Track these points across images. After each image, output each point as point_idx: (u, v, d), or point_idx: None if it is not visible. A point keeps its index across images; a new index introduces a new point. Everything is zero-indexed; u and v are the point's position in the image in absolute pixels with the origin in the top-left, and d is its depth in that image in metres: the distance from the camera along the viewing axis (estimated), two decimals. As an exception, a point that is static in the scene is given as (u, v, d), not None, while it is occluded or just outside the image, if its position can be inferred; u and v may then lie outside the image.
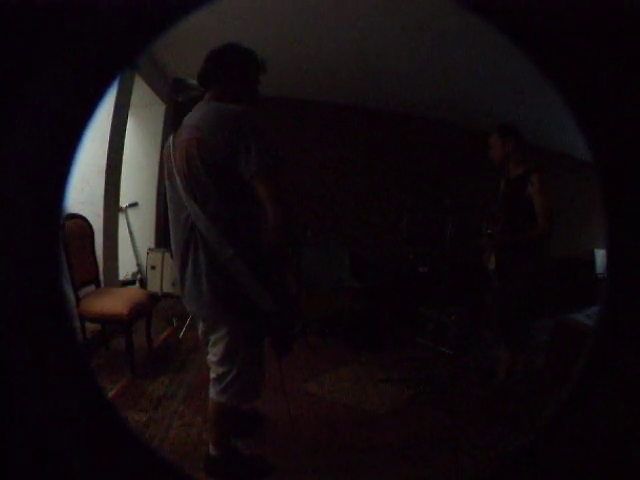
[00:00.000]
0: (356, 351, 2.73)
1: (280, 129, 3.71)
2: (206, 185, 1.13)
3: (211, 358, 1.29)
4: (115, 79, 0.51)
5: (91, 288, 2.29)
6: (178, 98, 2.75)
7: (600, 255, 4.56)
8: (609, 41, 0.44)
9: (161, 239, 3.72)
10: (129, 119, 2.92)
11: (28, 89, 0.44)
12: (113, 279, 2.83)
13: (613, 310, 0.52)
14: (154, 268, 3.50)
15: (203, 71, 1.26)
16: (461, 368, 2.51)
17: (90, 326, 2.19)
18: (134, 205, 3.66)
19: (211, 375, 1.31)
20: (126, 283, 3.39)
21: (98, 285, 2.36)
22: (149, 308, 2.31)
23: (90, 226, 2.38)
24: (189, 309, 1.29)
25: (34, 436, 0.48)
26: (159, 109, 3.67)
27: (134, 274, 3.66)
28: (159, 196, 3.74)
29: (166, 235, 1.31)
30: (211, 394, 1.31)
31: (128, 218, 3.63)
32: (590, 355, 0.53)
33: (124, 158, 2.90)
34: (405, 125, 4.11)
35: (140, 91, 3.08)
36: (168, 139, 1.27)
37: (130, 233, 3.66)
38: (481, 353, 2.72)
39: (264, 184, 1.11)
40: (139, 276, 3.68)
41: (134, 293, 2.36)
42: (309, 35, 2.64)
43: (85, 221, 2.35)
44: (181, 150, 1.17)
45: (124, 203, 3.45)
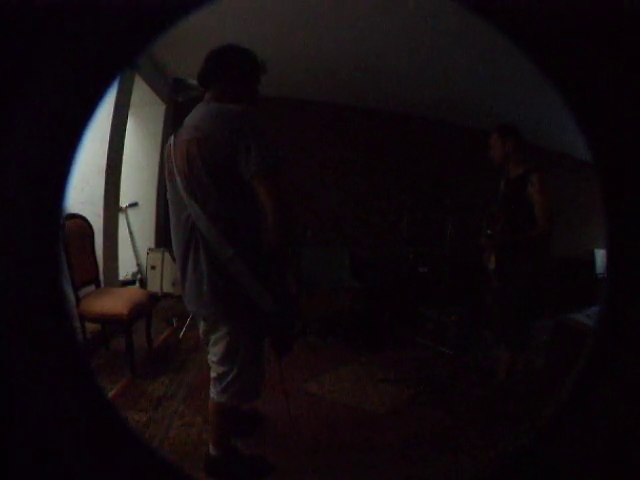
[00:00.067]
0: (356, 351, 2.73)
1: (280, 129, 3.71)
2: (207, 185, 1.13)
3: (211, 358, 1.30)
4: (115, 79, 0.51)
5: (91, 288, 2.29)
6: (178, 98, 2.75)
7: (600, 255, 4.56)
8: (609, 41, 0.44)
9: (161, 239, 3.72)
10: (129, 119, 2.92)
11: (28, 89, 0.44)
12: (113, 279, 2.83)
13: (613, 310, 0.52)
14: (154, 268, 3.51)
15: (203, 71, 1.26)
16: (461, 368, 2.51)
17: (90, 326, 2.19)
18: (134, 205, 3.66)
19: (211, 375, 1.31)
20: (126, 283, 3.39)
21: (98, 285, 2.36)
22: (149, 308, 2.31)
23: (90, 226, 2.38)
24: (190, 309, 1.30)
25: (34, 436, 0.48)
26: (159, 109, 3.68)
27: (134, 274, 3.66)
28: (159, 196, 3.74)
29: (166, 235, 1.31)
30: (211, 394, 1.31)
31: (128, 218, 3.63)
32: (590, 355, 0.53)
33: (124, 158, 2.90)
34: (405, 125, 4.11)
35: (140, 91, 3.08)
36: (169, 139, 1.27)
37: (130, 233, 3.66)
38: (481, 353, 2.72)
39: (264, 184, 1.11)
40: (139, 276, 3.68)
41: (134, 293, 2.36)
42: (309, 35, 2.64)
43: (85, 221, 2.35)
44: (182, 150, 1.17)
45: (124, 203, 3.45)
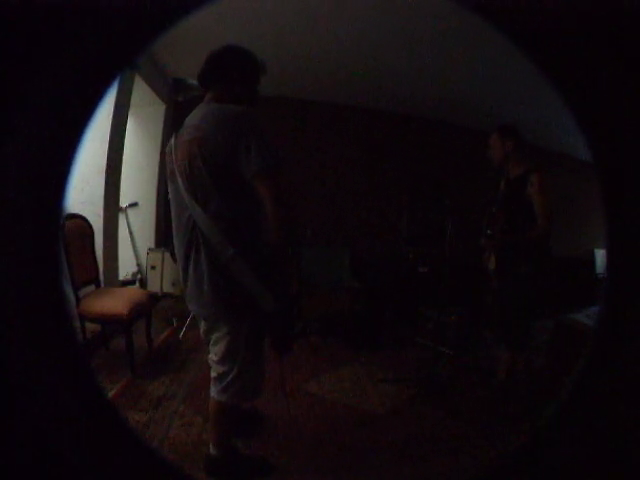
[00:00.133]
0: (356, 351, 2.73)
1: (280, 129, 3.71)
2: (207, 185, 1.14)
3: (212, 357, 1.30)
4: (115, 79, 0.51)
5: (91, 288, 2.29)
6: (178, 98, 2.74)
7: (600, 255, 4.56)
8: (609, 41, 0.44)
9: (161, 239, 3.71)
10: (129, 119, 2.92)
11: (28, 89, 0.44)
12: (113, 279, 2.83)
13: (613, 310, 0.52)
14: (154, 268, 3.50)
15: (203, 73, 1.27)
16: (461, 368, 2.51)
17: (90, 326, 2.19)
18: (134, 205, 3.66)
19: (212, 374, 1.32)
20: (126, 283, 3.39)
21: (98, 285, 2.36)
22: (149, 308, 2.31)
23: (90, 226, 2.38)
24: (191, 308, 1.30)
25: (34, 436, 0.48)
26: (159, 109, 3.67)
27: (134, 274, 3.66)
28: (159, 196, 3.74)
29: (166, 235, 1.32)
30: (212, 393, 1.31)
31: (128, 218, 3.63)
32: (590, 355, 0.53)
33: (124, 158, 2.90)
34: (405, 125, 4.11)
35: (140, 91, 3.08)
36: (170, 140, 1.27)
37: (130, 233, 3.66)
38: (481, 353, 2.72)
39: (265, 184, 1.12)
40: (139, 276, 3.68)
41: (134, 293, 2.36)
42: (309, 35, 2.64)
43: (85, 221, 2.35)
44: (183, 151, 1.18)
45: (124, 203, 3.45)
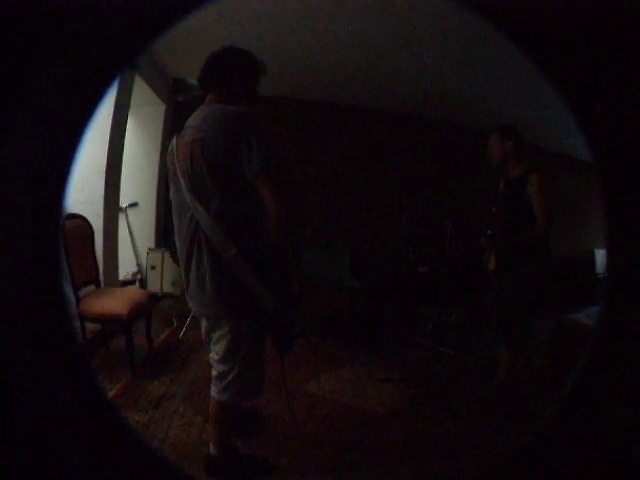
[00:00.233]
0: (356, 351, 2.73)
1: (280, 129, 3.72)
2: (209, 185, 1.15)
3: (213, 356, 1.31)
4: (115, 79, 0.51)
5: (91, 288, 2.29)
6: (178, 98, 2.75)
7: (600, 255, 4.56)
8: (609, 41, 0.44)
9: (161, 239, 3.71)
10: (129, 119, 2.92)
11: (28, 89, 0.44)
12: (113, 279, 2.82)
13: (613, 310, 0.52)
14: (154, 268, 3.50)
15: (204, 75, 1.28)
16: (461, 368, 2.51)
17: (90, 326, 2.18)
18: (134, 205, 3.65)
19: (213, 373, 1.32)
20: (126, 283, 3.38)
21: (98, 285, 2.36)
22: (149, 308, 2.31)
23: (90, 226, 2.38)
24: (193, 307, 1.31)
25: (34, 436, 0.48)
26: (159, 109, 3.67)
27: (134, 274, 3.66)
28: (159, 196, 3.73)
29: (166, 235, 1.32)
30: (212, 392, 1.32)
31: (128, 218, 3.63)
32: (590, 355, 0.53)
33: (124, 158, 2.90)
34: (405, 125, 4.11)
35: (140, 91, 3.07)
36: (171, 141, 1.28)
37: (130, 233, 3.66)
38: (481, 353, 2.72)
39: (266, 184, 1.13)
40: (139, 276, 3.67)
41: (134, 293, 2.36)
42: (309, 35, 2.64)
43: (85, 221, 2.34)
44: (184, 151, 1.19)
45: (124, 203, 3.44)
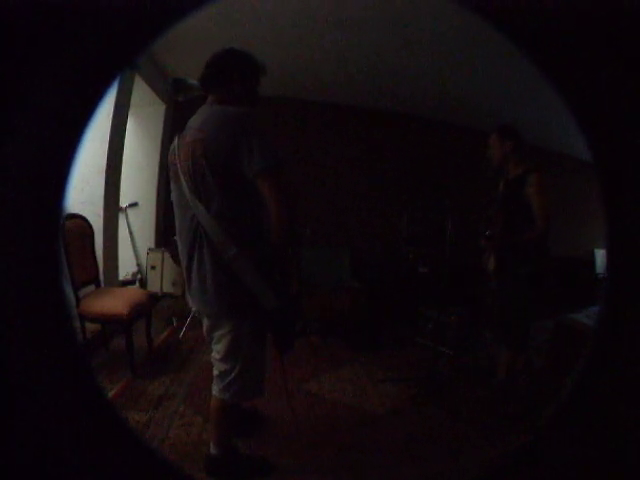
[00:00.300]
0: (356, 351, 2.73)
1: (281, 129, 3.71)
2: (211, 185, 1.16)
3: (214, 355, 1.32)
4: (115, 79, 0.51)
5: (91, 288, 2.29)
6: (178, 98, 2.74)
7: (600, 255, 4.56)
8: (609, 41, 0.44)
9: (161, 239, 3.71)
10: (129, 119, 2.92)
11: (28, 89, 0.44)
12: (113, 279, 2.82)
13: (613, 310, 0.52)
14: (154, 268, 3.50)
15: (204, 76, 1.29)
16: (461, 368, 2.51)
17: (90, 326, 2.19)
18: (134, 205, 3.65)
19: (214, 372, 1.33)
20: (126, 283, 3.38)
21: (98, 285, 2.36)
22: (149, 308, 2.31)
23: (90, 226, 2.38)
24: (195, 306, 1.32)
25: (34, 436, 0.48)
26: (159, 109, 3.67)
27: (134, 274, 3.66)
28: (159, 196, 3.74)
29: (166, 235, 1.33)
30: (214, 391, 1.32)
31: (128, 218, 3.63)
32: (590, 355, 0.53)
33: (124, 158, 2.90)
34: (405, 125, 4.11)
35: (140, 91, 3.08)
36: (173, 141, 1.30)
37: (130, 233, 3.66)
38: (481, 353, 2.72)
39: (267, 183, 1.14)
40: (139, 276, 3.67)
41: (134, 293, 2.36)
42: (309, 35, 2.64)
43: (85, 221, 2.34)
44: (186, 152, 1.20)
45: (124, 203, 3.45)
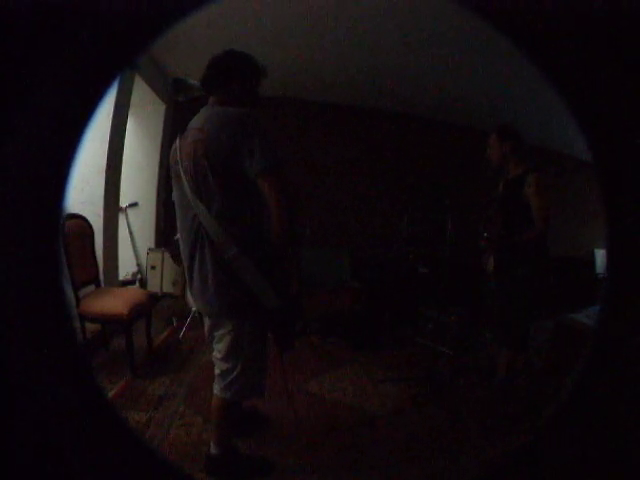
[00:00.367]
0: (356, 351, 2.73)
1: (281, 129, 3.71)
2: (212, 185, 1.17)
3: (216, 355, 1.32)
4: (115, 79, 0.51)
5: (91, 288, 2.29)
6: (178, 98, 2.74)
7: (600, 255, 4.55)
8: (609, 42, 0.44)
9: (161, 239, 3.71)
10: (129, 119, 2.92)
11: (28, 89, 0.44)
12: (113, 279, 2.82)
13: (613, 310, 0.52)
14: (154, 268, 3.50)
15: (206, 78, 1.30)
16: (461, 368, 2.51)
17: (90, 326, 2.18)
18: (134, 205, 3.65)
19: (215, 371, 1.34)
20: (126, 283, 3.38)
21: (98, 285, 2.36)
22: (149, 308, 2.31)
23: (90, 226, 2.37)
24: (196, 306, 1.34)
25: (34, 436, 0.48)
26: (159, 109, 3.67)
27: (134, 274, 3.66)
28: (159, 196, 3.73)
29: (166, 235, 1.33)
30: (215, 390, 1.33)
31: (128, 218, 3.63)
32: (590, 355, 0.53)
33: (124, 158, 2.90)
34: (405, 125, 4.10)
35: (140, 91, 3.08)
36: (174, 142, 1.30)
37: (130, 233, 3.65)
38: (481, 353, 2.72)
39: (268, 183, 1.15)
40: (139, 276, 3.67)
41: (134, 293, 2.36)
42: (309, 35, 2.64)
43: (85, 221, 2.34)
44: (188, 152, 1.21)
45: (124, 203, 3.44)
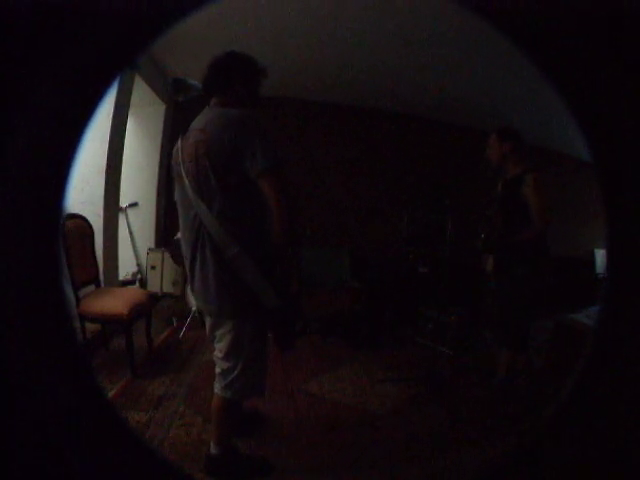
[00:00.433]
0: (356, 350, 2.73)
1: (281, 129, 3.71)
2: (213, 185, 1.17)
3: (217, 354, 1.33)
4: (115, 79, 0.51)
5: (91, 288, 2.29)
6: (178, 98, 2.75)
7: (600, 255, 4.55)
8: (609, 42, 0.44)
9: (161, 239, 3.71)
10: (129, 119, 2.92)
11: (28, 89, 0.44)
12: (113, 279, 2.82)
13: (613, 310, 0.52)
14: (154, 268, 3.49)
15: (207, 79, 1.31)
16: (461, 368, 2.51)
17: (90, 326, 2.19)
18: (134, 205, 3.65)
19: (216, 370, 1.34)
20: (126, 283, 3.38)
21: (98, 285, 2.36)
22: (149, 308, 2.31)
23: (90, 226, 2.38)
24: (197, 305, 1.35)
25: (34, 436, 0.48)
26: (159, 109, 3.67)
27: (134, 274, 3.66)
28: (159, 196, 3.74)
29: (166, 235, 1.34)
30: (216, 389, 1.33)
31: (128, 218, 3.63)
32: (590, 355, 0.53)
33: (124, 158, 2.90)
34: (405, 125, 4.10)
35: (140, 91, 3.07)
36: (176, 143, 1.31)
37: (130, 233, 3.65)
38: (481, 353, 2.72)
39: (268, 183, 1.16)
40: (139, 276, 3.67)
41: (134, 293, 2.36)
42: (309, 35, 2.64)
43: (85, 221, 2.34)
44: (189, 152, 1.22)
45: (124, 203, 3.44)
